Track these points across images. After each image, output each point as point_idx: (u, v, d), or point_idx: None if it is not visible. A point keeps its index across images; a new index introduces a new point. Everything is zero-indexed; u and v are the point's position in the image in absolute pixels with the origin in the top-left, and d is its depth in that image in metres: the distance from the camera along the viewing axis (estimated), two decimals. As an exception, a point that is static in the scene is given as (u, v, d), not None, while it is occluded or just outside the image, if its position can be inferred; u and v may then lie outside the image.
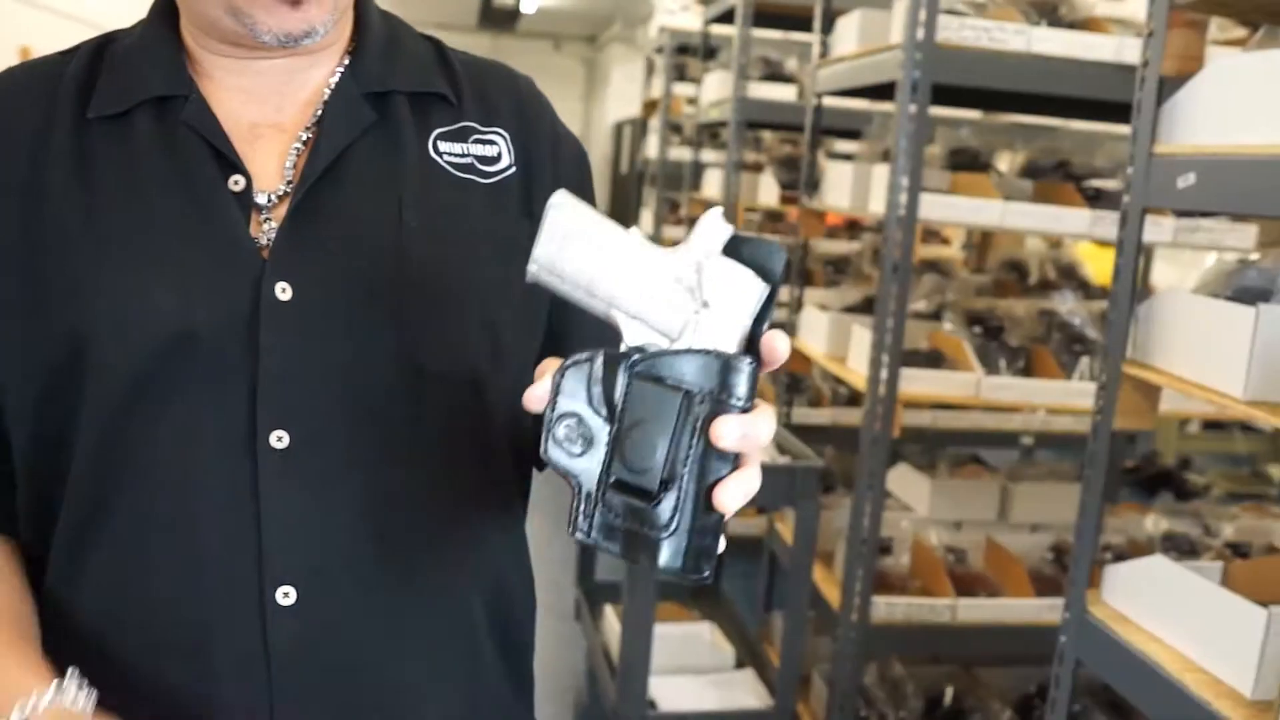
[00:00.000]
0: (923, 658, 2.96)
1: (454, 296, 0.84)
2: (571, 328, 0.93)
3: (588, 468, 0.67)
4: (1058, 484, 3.17)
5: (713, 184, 5.16)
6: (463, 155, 0.88)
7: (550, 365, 0.69)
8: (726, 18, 4.42)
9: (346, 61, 0.89)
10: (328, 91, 0.87)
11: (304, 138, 0.86)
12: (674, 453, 0.66)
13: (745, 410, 0.66)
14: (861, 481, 2.55)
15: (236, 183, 0.82)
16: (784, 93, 4.18)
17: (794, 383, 3.55)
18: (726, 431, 0.65)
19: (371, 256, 0.83)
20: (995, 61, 2.40)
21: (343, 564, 0.82)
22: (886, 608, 2.60)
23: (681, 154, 5.92)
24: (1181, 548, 2.74)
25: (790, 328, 3.25)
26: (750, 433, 0.66)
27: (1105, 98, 2.44)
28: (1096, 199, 2.76)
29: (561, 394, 0.67)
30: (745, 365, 0.66)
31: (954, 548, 2.92)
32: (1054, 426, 4.34)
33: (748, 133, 4.45)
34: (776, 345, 0.68)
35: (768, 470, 2.40)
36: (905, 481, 3.19)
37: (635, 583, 2.50)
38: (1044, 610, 2.66)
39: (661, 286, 0.68)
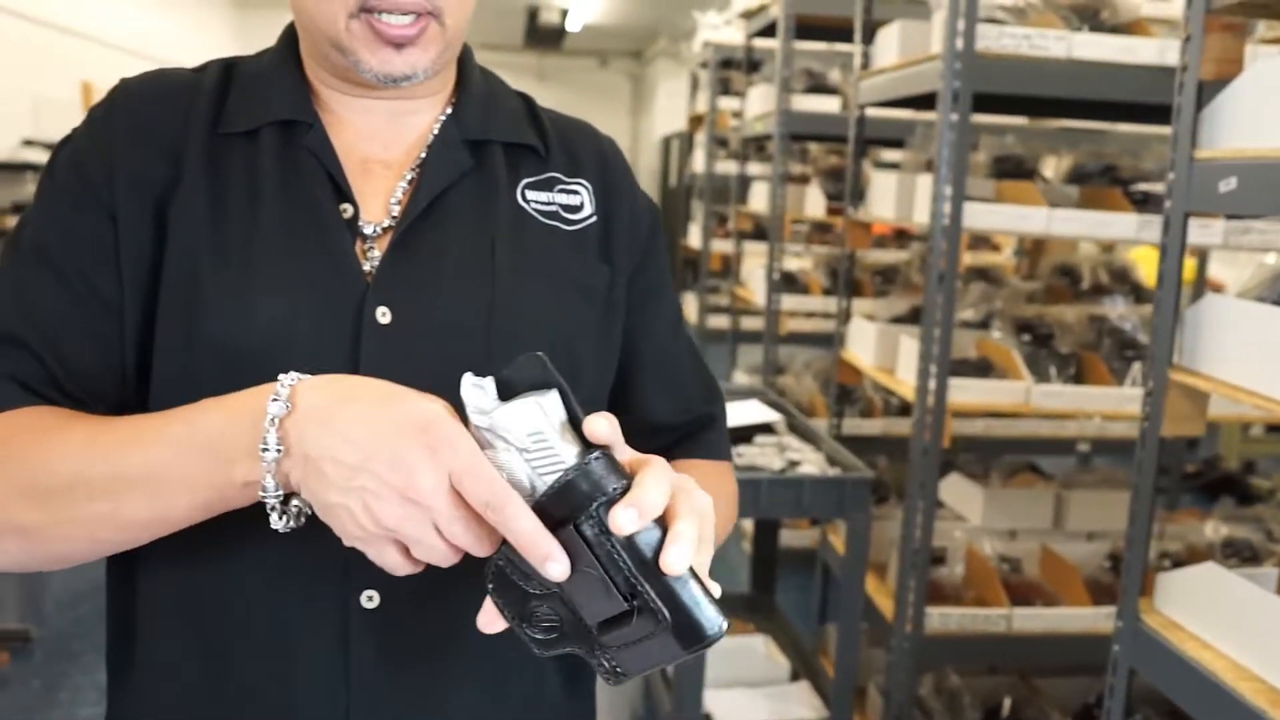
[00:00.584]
0: (979, 668, 2.94)
1: (538, 331, 0.89)
2: (640, 365, 1.00)
3: (575, 632, 0.71)
4: (1114, 491, 3.13)
5: (759, 197, 5.17)
6: (548, 203, 0.95)
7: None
8: (769, 31, 4.44)
9: (449, 110, 0.96)
10: (432, 135, 0.94)
11: (409, 177, 0.92)
12: (612, 572, 0.68)
13: (624, 490, 0.68)
14: (913, 492, 2.55)
15: (345, 210, 0.88)
16: (828, 104, 4.18)
17: (844, 394, 3.55)
18: (622, 523, 0.67)
19: (465, 291, 0.88)
20: (1036, 68, 2.39)
21: (424, 574, 0.86)
22: (940, 618, 2.59)
23: (728, 167, 5.94)
24: (1242, 554, 2.70)
25: (839, 339, 3.25)
26: (642, 505, 0.67)
27: (1149, 101, 2.43)
28: (1144, 203, 2.74)
29: (506, 599, 0.71)
30: (591, 464, 0.68)
31: (1008, 557, 2.90)
32: (1110, 432, 4.29)
33: (793, 145, 4.46)
34: (595, 428, 0.70)
35: (817, 482, 2.41)
36: (958, 491, 3.17)
37: (687, 597, 2.51)
38: (1101, 619, 2.63)
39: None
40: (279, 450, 0.71)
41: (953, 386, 2.48)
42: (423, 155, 0.93)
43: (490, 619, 0.72)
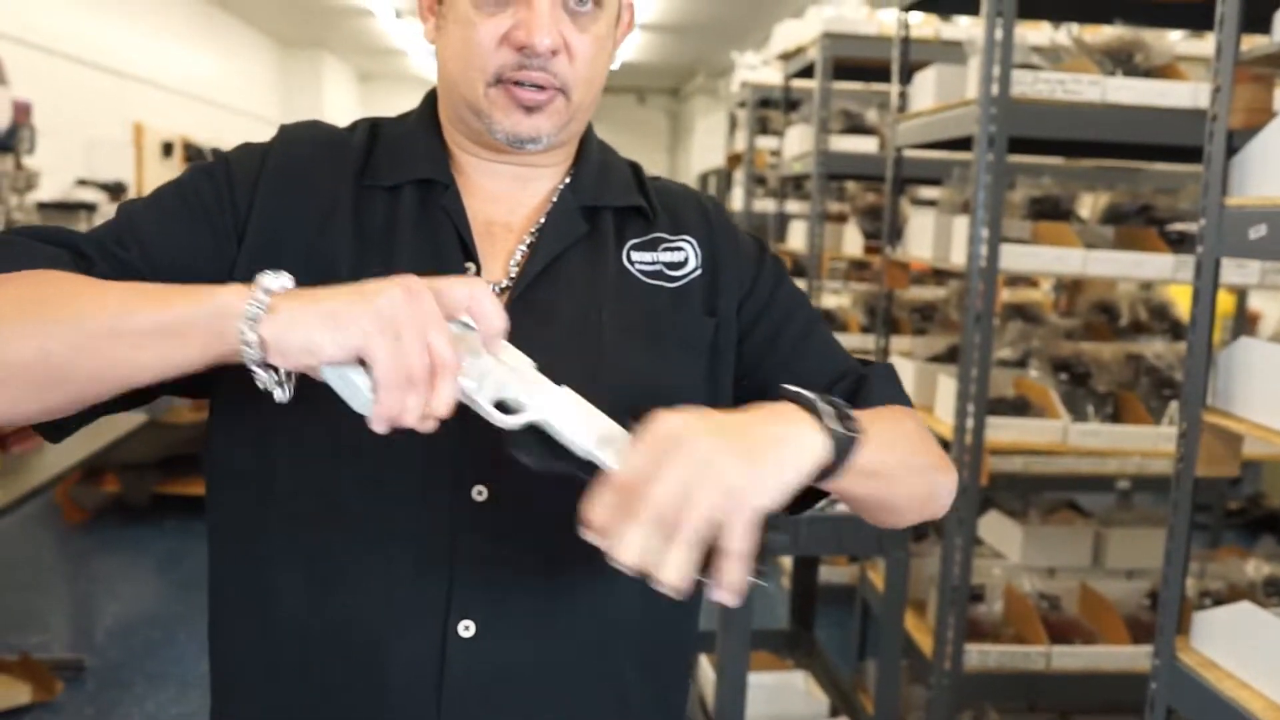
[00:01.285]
0: (1018, 706, 2.94)
1: (642, 386, 0.96)
2: (775, 366, 1.05)
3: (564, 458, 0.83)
4: (1154, 529, 3.14)
5: (798, 235, 5.22)
6: (652, 263, 1.03)
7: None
8: (806, 72, 4.50)
9: (568, 179, 1.05)
10: (552, 203, 1.03)
11: (528, 240, 1.00)
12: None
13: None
14: (951, 529, 2.57)
15: (469, 268, 0.97)
16: (865, 145, 4.24)
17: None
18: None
19: (577, 348, 0.96)
20: (1070, 113, 2.44)
21: (521, 607, 0.94)
22: (980, 656, 2.60)
23: (766, 205, 6.00)
24: (1285, 592, 2.70)
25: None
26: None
27: (1185, 143, 2.46)
28: (1180, 243, 2.76)
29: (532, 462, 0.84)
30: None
31: (1047, 594, 2.90)
32: (1150, 469, 4.28)
33: (830, 183, 4.52)
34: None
35: (856, 520, 2.45)
36: (997, 528, 3.19)
37: (729, 632, 2.54)
38: (1141, 658, 2.63)
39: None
40: (262, 310, 0.77)
41: (990, 425, 2.51)
42: (542, 220, 1.01)
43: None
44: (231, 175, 0.97)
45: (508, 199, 1.02)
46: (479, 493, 0.92)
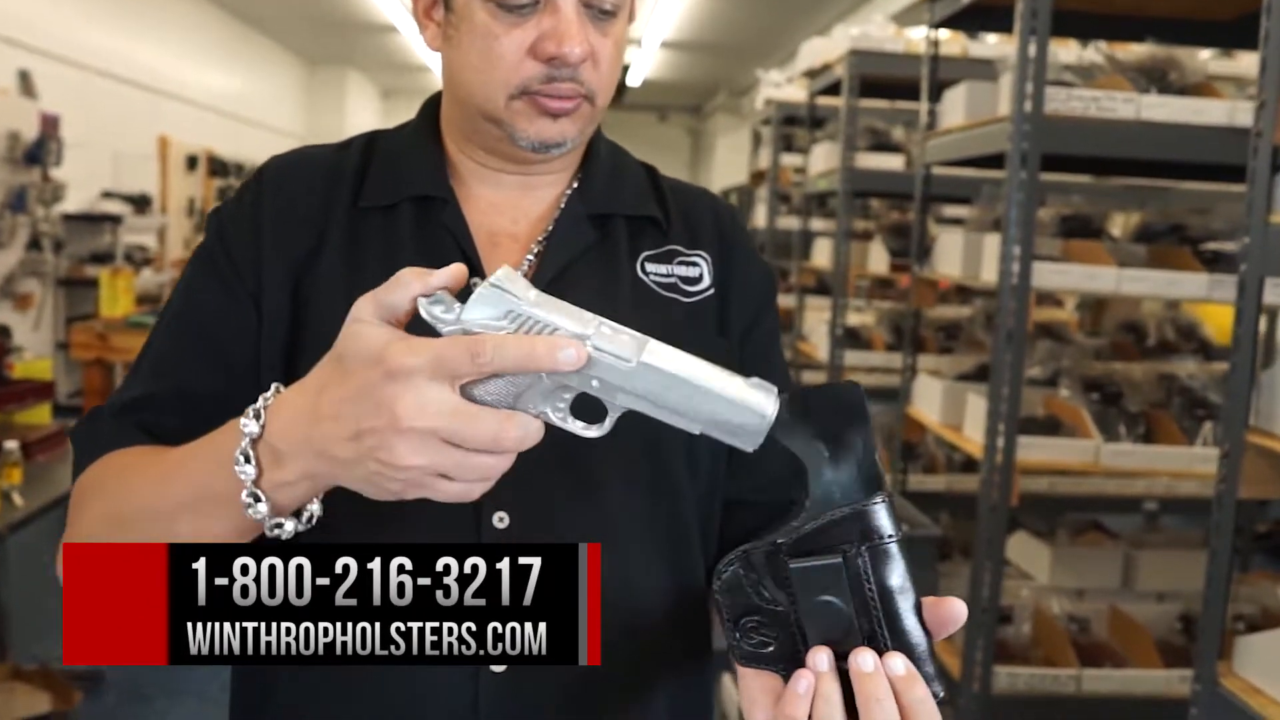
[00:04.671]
0: (1046, 730, 2.90)
1: None
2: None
3: (787, 653, 0.72)
4: (1185, 551, 3.10)
5: (822, 253, 5.20)
6: (667, 275, 0.98)
7: None
8: (831, 89, 4.49)
9: (575, 185, 1.00)
10: (559, 210, 0.98)
11: (535, 250, 0.96)
12: (860, 608, 0.70)
13: (897, 540, 0.70)
14: (980, 550, 2.54)
15: (475, 284, 0.91)
16: (891, 162, 4.22)
17: (908, 449, 3.55)
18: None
19: None
20: (1104, 130, 2.41)
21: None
22: (1008, 678, 2.57)
23: (790, 223, 5.98)
24: (1319, 617, 2.66)
25: (904, 395, 3.26)
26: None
27: (1219, 161, 2.44)
28: (1214, 262, 2.73)
29: (733, 602, 0.73)
30: (877, 505, 0.70)
31: (1076, 617, 2.87)
32: (1179, 491, 4.22)
33: (855, 201, 4.50)
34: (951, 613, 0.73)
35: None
36: (1025, 549, 3.15)
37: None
38: (1174, 682, 2.60)
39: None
40: (255, 467, 0.73)
41: (1021, 445, 2.48)
42: (549, 229, 0.97)
43: None
44: (229, 243, 0.93)
45: (511, 208, 0.98)
46: (499, 519, 0.89)
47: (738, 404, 0.68)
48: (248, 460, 0.73)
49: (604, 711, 0.93)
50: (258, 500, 0.73)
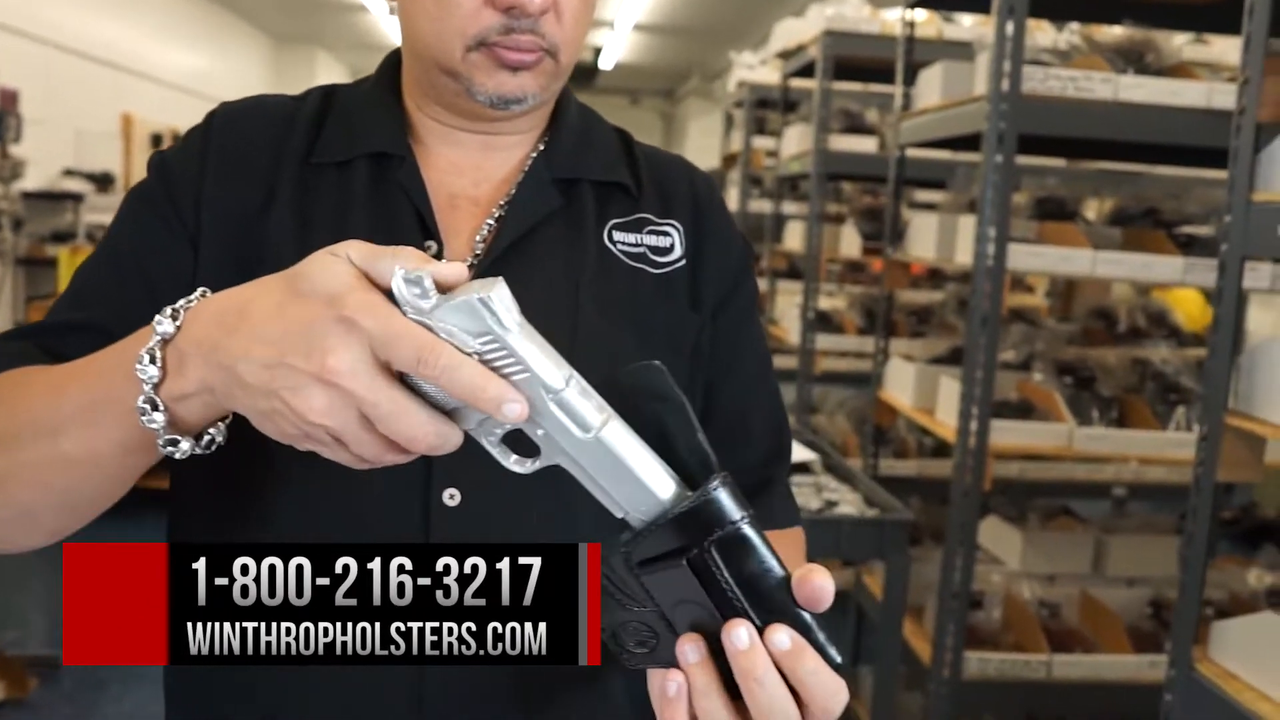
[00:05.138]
0: (1015, 715, 2.89)
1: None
2: (708, 411, 0.95)
3: (670, 651, 0.66)
4: (1155, 537, 3.09)
5: (794, 236, 5.17)
6: (636, 245, 0.93)
7: None
8: (805, 71, 4.45)
9: (541, 147, 0.95)
10: (522, 173, 0.92)
11: (496, 214, 0.90)
12: (721, 603, 0.63)
13: (746, 519, 0.63)
14: (952, 535, 2.52)
15: (429, 247, 0.87)
16: (865, 144, 4.19)
17: (879, 434, 3.53)
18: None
19: (549, 330, 0.86)
20: (1082, 111, 2.39)
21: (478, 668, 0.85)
22: (979, 663, 2.55)
23: (762, 206, 5.95)
24: (1288, 604, 2.66)
25: (876, 379, 3.24)
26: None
27: (1196, 144, 2.42)
28: (1188, 246, 2.72)
29: (605, 617, 0.67)
30: (711, 494, 0.63)
31: (1047, 602, 2.86)
32: (1147, 477, 4.24)
33: (828, 184, 4.47)
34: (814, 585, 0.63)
35: (856, 523, 2.39)
36: (995, 534, 3.13)
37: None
38: (1144, 667, 2.59)
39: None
40: (159, 369, 0.66)
41: (995, 428, 2.46)
42: (511, 192, 0.91)
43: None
44: (171, 182, 0.88)
45: (473, 170, 0.92)
46: (450, 496, 0.84)
47: (659, 501, 0.64)
48: (153, 361, 0.66)
49: (559, 696, 0.88)
50: (155, 408, 0.66)
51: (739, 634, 0.62)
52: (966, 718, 2.81)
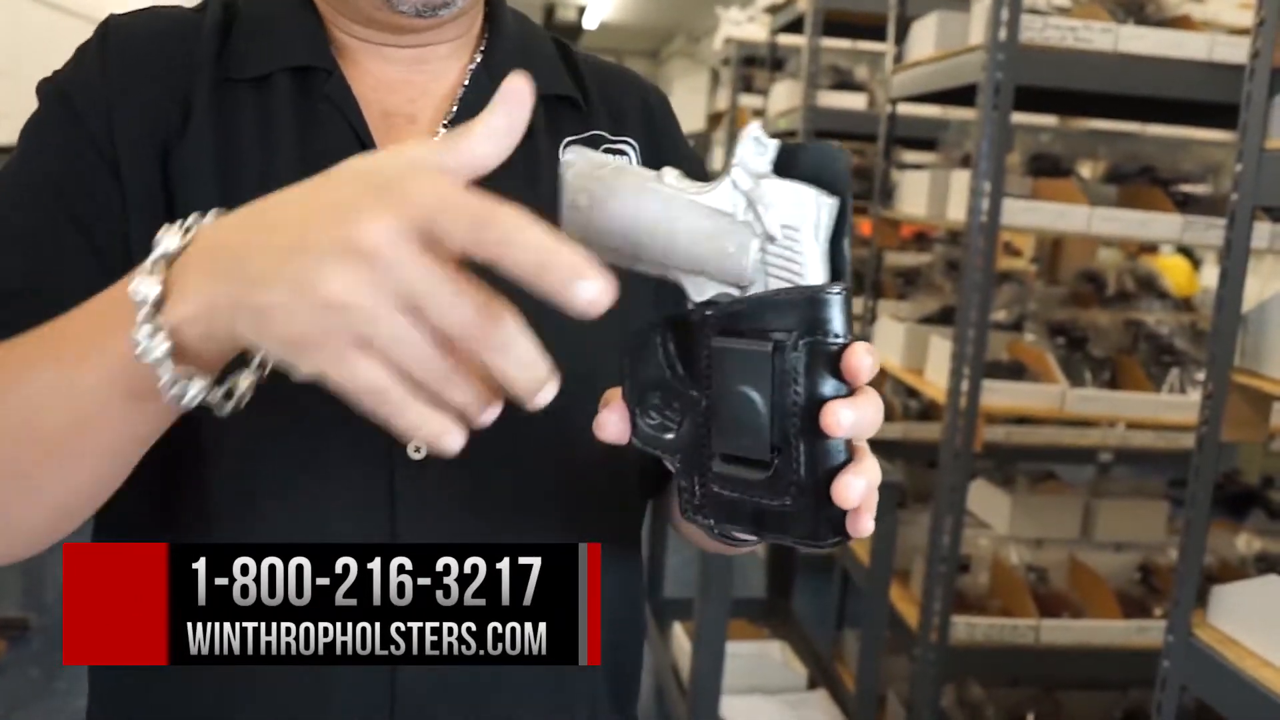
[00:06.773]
0: (1001, 680, 2.86)
1: None
2: None
3: (687, 444, 0.59)
4: (1143, 501, 3.05)
5: (779, 195, 5.09)
6: None
7: (615, 394, 0.62)
8: (792, 27, 4.36)
9: (479, 57, 0.86)
10: (463, 87, 0.84)
11: (439, 134, 0.81)
12: (779, 412, 0.56)
13: (844, 345, 0.56)
14: (941, 498, 2.47)
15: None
16: (854, 101, 4.11)
17: (866, 396, 3.47)
18: (839, 420, 0.54)
19: None
20: (1081, 62, 2.31)
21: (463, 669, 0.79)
22: (967, 628, 2.51)
23: (747, 166, 5.86)
24: (1277, 568, 2.62)
25: (865, 340, 3.18)
26: (861, 419, 0.56)
27: (1197, 98, 2.35)
28: (1185, 204, 2.66)
29: (638, 371, 0.60)
30: (834, 295, 0.56)
31: (1035, 566, 2.82)
32: (1133, 442, 4.21)
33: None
34: (858, 363, 0.55)
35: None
36: (983, 498, 3.09)
37: (707, 600, 2.43)
38: (1132, 633, 2.55)
39: (714, 231, 0.57)
40: (159, 284, 0.53)
41: (986, 389, 2.40)
42: (454, 110, 0.82)
43: (609, 416, 0.60)
44: (75, 109, 0.76)
45: (405, 86, 0.83)
46: (415, 450, 0.76)
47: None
48: (152, 274, 0.54)
49: (535, 677, 0.81)
50: (157, 332, 0.53)
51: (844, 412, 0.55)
52: (953, 682, 2.78)
